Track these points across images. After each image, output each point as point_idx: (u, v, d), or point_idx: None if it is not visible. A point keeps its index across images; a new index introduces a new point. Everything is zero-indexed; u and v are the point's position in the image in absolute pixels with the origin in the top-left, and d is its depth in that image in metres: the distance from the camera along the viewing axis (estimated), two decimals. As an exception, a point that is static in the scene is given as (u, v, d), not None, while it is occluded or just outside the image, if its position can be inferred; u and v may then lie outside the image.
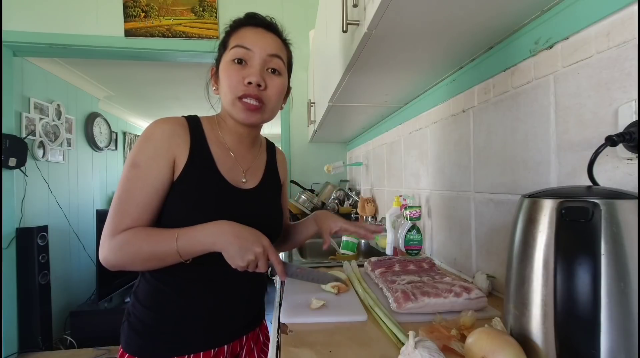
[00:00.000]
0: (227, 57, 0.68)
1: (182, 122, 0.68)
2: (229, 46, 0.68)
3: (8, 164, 2.19)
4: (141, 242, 0.60)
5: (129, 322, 0.68)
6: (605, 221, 0.36)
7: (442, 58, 0.88)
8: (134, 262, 0.60)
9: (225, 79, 0.67)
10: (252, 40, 0.67)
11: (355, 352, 0.53)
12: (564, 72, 0.62)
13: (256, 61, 0.67)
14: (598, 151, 0.46)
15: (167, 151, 0.64)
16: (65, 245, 2.90)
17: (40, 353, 2.26)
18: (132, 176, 0.62)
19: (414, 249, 1.10)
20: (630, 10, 0.50)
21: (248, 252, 0.59)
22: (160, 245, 0.60)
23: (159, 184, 0.63)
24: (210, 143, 0.70)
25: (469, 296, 0.66)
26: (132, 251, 0.59)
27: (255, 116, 0.68)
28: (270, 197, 0.78)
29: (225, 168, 0.70)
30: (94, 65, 2.81)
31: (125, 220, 0.60)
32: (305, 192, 2.21)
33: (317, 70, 1.70)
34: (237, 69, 0.66)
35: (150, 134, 0.64)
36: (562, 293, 0.37)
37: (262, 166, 0.80)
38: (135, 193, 0.61)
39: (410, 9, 0.61)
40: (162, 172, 0.63)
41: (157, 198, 0.63)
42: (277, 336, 0.62)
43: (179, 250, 0.59)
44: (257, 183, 0.75)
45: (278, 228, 0.78)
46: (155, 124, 0.65)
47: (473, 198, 0.91)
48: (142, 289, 0.68)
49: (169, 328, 0.65)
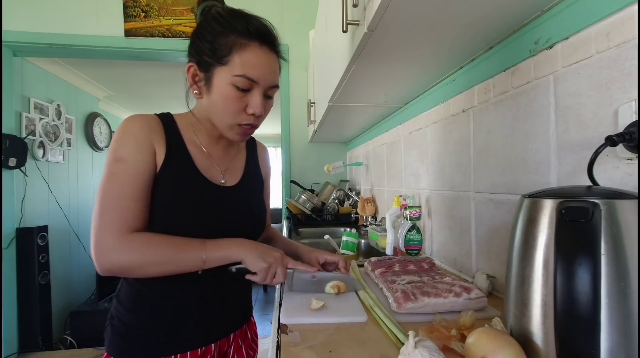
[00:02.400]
0: (227, 78, 0.62)
1: (156, 119, 0.67)
2: (230, 62, 0.62)
3: (8, 164, 2.19)
4: (164, 245, 0.59)
5: (112, 325, 0.67)
6: (605, 221, 0.36)
7: (443, 58, 0.88)
8: (148, 265, 0.59)
9: (224, 102, 0.64)
10: (258, 71, 0.63)
11: (355, 352, 0.53)
12: (564, 72, 0.62)
13: (259, 91, 0.65)
14: (598, 151, 0.46)
15: (148, 144, 0.63)
16: (65, 245, 2.90)
17: (40, 353, 2.27)
18: (119, 171, 0.60)
19: (414, 249, 1.10)
20: (630, 10, 0.50)
21: (268, 256, 0.65)
22: (185, 250, 0.60)
23: (148, 177, 0.62)
24: (186, 142, 0.69)
25: (469, 296, 0.66)
26: (150, 253, 0.59)
27: (247, 136, 0.71)
28: (252, 194, 0.78)
29: (203, 168, 0.69)
30: (94, 65, 2.81)
31: (128, 217, 0.59)
32: (305, 192, 2.21)
33: (317, 70, 1.70)
34: (240, 97, 0.64)
35: (129, 128, 0.62)
36: (562, 293, 0.37)
37: (242, 165, 0.79)
38: (127, 188, 0.60)
39: (410, 9, 0.61)
40: (148, 164, 0.62)
41: (148, 191, 0.62)
42: (277, 336, 0.62)
43: (206, 259, 0.61)
44: (237, 181, 0.75)
45: (260, 226, 0.78)
46: (131, 119, 0.64)
47: (473, 198, 0.91)
48: (125, 292, 0.68)
49: (154, 329, 0.65)
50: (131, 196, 0.60)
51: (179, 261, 0.60)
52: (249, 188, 0.78)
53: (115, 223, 0.58)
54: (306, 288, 0.76)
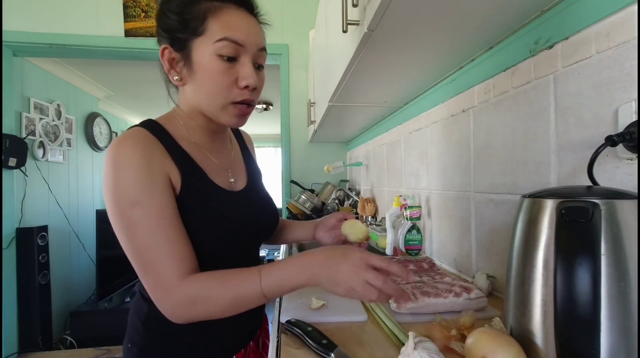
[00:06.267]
0: (208, 48, 0.54)
1: (148, 135, 0.56)
2: (207, 29, 0.54)
3: (8, 164, 2.19)
4: (219, 290, 0.51)
5: (139, 348, 0.61)
6: (605, 221, 0.36)
7: (443, 58, 0.88)
8: (212, 313, 0.52)
9: (211, 79, 0.56)
10: (241, 32, 0.56)
11: (355, 352, 0.53)
12: (564, 72, 0.62)
13: (248, 58, 0.57)
14: (598, 151, 0.46)
15: (159, 172, 0.54)
16: (65, 245, 2.90)
17: (40, 353, 2.27)
18: (140, 217, 0.51)
19: (414, 249, 1.10)
20: (630, 10, 0.50)
21: (339, 271, 0.49)
22: (242, 288, 0.51)
23: (173, 209, 0.54)
24: (186, 149, 0.60)
25: (469, 296, 0.66)
26: (210, 304, 0.51)
27: (245, 119, 0.62)
28: (263, 192, 0.76)
29: (212, 173, 0.63)
30: (94, 65, 2.81)
31: (176, 263, 0.51)
32: (305, 192, 2.21)
33: (317, 70, 1.70)
34: (227, 68, 0.56)
35: (128, 161, 0.52)
36: (562, 293, 0.37)
37: (240, 158, 0.75)
38: (159, 234, 0.51)
39: (410, 9, 0.61)
40: (168, 197, 0.54)
41: (180, 225, 0.54)
42: (277, 336, 0.62)
43: (264, 292, 0.51)
44: (245, 182, 0.71)
45: (276, 223, 0.76)
46: (125, 147, 0.52)
47: (473, 198, 0.91)
48: (149, 314, 0.61)
49: (183, 349, 0.61)
50: (167, 239, 0.52)
51: (241, 300, 0.52)
52: (258, 186, 0.75)
53: (166, 275, 0.51)
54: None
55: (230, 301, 0.51)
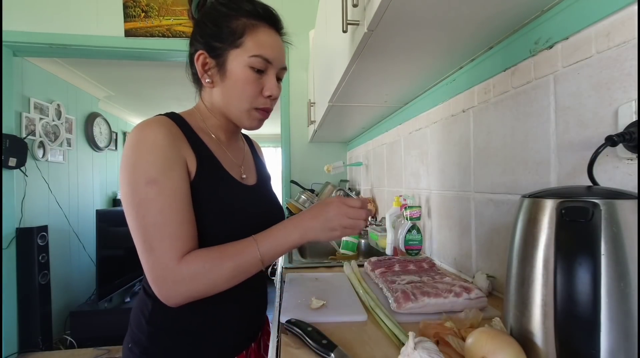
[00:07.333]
0: (242, 60, 0.62)
1: (171, 122, 0.60)
2: (244, 44, 0.61)
3: (8, 164, 2.19)
4: (220, 261, 0.54)
5: (140, 347, 0.62)
6: (605, 221, 0.36)
7: (443, 58, 0.88)
8: (214, 286, 0.55)
9: (242, 86, 0.63)
10: (272, 51, 0.64)
11: (355, 352, 0.53)
12: (564, 72, 0.62)
13: (273, 72, 0.66)
14: (598, 151, 0.46)
15: (178, 156, 0.57)
16: (65, 245, 2.90)
17: (40, 353, 2.26)
18: (154, 195, 0.53)
19: (414, 249, 1.10)
20: (630, 10, 0.50)
21: (328, 220, 0.59)
22: (241, 256, 0.56)
23: (187, 193, 0.57)
24: (205, 141, 0.65)
25: (469, 296, 0.66)
26: (213, 275, 0.54)
27: (262, 123, 0.70)
28: (271, 191, 0.80)
29: (227, 166, 0.67)
30: (94, 65, 2.81)
31: (180, 244, 0.54)
32: (305, 192, 2.20)
33: (317, 70, 1.70)
34: (257, 79, 0.63)
35: (151, 140, 0.55)
36: (562, 293, 0.37)
37: (251, 159, 0.80)
38: (170, 213, 0.54)
39: (410, 9, 0.61)
40: (183, 180, 0.57)
41: (191, 208, 0.57)
42: (277, 336, 0.62)
43: (262, 258, 0.56)
44: (255, 178, 0.76)
45: (282, 218, 0.78)
46: (149, 129, 0.56)
47: (473, 198, 0.91)
48: (154, 311, 0.62)
49: (187, 347, 0.62)
50: (176, 220, 0.54)
51: (242, 268, 0.56)
52: (267, 184, 0.80)
53: (168, 254, 0.53)
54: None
55: (230, 272, 0.55)
